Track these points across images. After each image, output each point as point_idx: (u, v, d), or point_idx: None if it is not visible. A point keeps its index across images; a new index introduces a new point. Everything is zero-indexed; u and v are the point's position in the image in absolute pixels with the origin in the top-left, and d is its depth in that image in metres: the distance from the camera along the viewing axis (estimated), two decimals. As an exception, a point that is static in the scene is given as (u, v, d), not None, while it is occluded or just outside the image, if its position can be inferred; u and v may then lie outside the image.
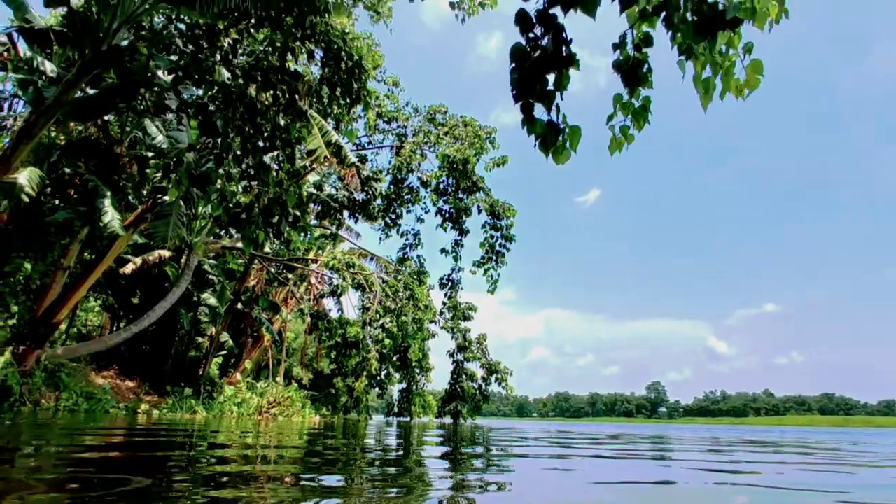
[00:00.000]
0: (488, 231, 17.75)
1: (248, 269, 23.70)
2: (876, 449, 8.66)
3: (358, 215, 20.44)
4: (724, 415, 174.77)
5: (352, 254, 23.26)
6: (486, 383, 24.39)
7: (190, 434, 6.60)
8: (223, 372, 23.85)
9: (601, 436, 11.61)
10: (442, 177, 18.31)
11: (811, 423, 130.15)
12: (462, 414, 26.21)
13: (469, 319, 24.10)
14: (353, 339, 16.65)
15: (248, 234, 7.00)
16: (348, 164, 14.39)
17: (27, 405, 12.54)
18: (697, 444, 9.01)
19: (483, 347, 24.96)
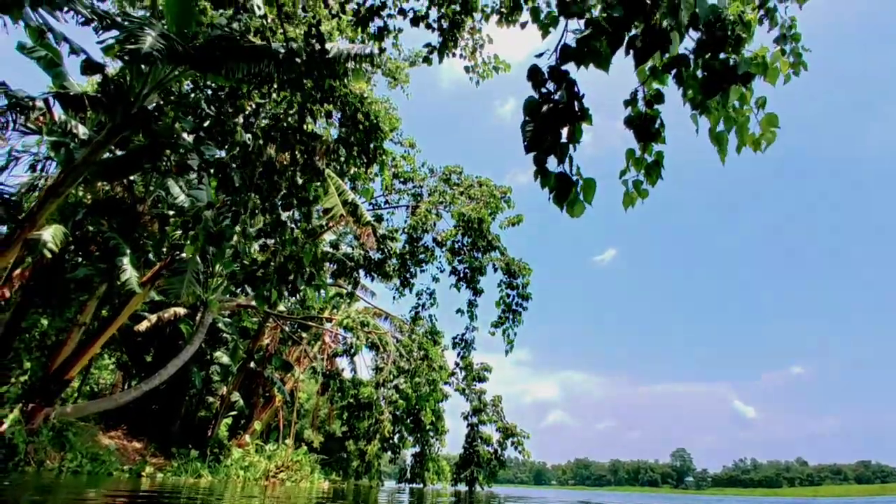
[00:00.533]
0: (504, 290, 17.56)
1: (263, 327, 23.63)
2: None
3: (373, 274, 20.48)
4: (756, 485, 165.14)
5: (366, 312, 23.14)
6: (501, 447, 23.40)
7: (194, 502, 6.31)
8: (232, 433, 23.31)
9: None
10: (457, 236, 18.37)
11: (847, 493, 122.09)
12: (478, 481, 25.06)
13: (484, 380, 23.49)
14: (367, 399, 16.23)
15: (262, 293, 6.96)
16: (364, 222, 14.55)
17: (31, 465, 12.27)
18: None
19: (498, 410, 24.17)
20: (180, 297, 11.04)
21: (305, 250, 7.13)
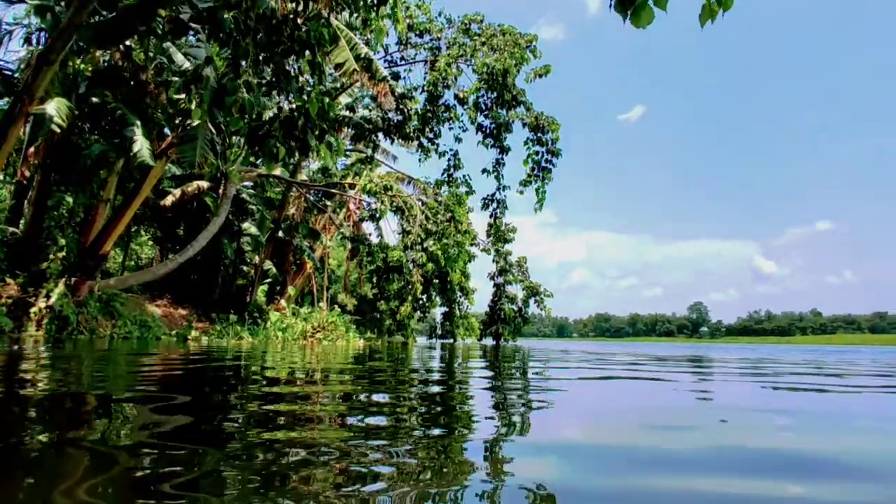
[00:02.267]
0: (532, 147, 16.76)
1: (287, 197, 23.58)
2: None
3: (393, 136, 19.67)
4: (769, 334, 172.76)
5: (389, 177, 22.72)
6: (525, 305, 24.19)
7: (240, 358, 6.48)
8: (270, 299, 24.42)
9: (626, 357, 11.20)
10: (480, 90, 17.15)
11: (861, 341, 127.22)
12: (503, 335, 26.34)
13: (509, 241, 23.58)
14: (395, 263, 16.40)
15: (269, 149, 6.46)
16: (380, 78, 13.48)
17: (84, 334, 12.98)
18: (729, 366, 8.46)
19: (524, 270, 24.57)
20: (194, 165, 10.65)
21: (311, 100, 6.45)
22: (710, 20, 3.20)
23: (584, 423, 2.63)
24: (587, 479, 1.51)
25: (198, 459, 1.57)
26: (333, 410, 2.64)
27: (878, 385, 5.07)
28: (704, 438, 2.18)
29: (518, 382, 4.48)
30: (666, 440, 2.19)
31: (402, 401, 3.08)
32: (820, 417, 2.89)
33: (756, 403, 3.53)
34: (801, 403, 3.50)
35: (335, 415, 2.50)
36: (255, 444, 1.80)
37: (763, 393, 4.13)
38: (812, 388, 4.56)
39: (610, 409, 3.12)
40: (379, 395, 3.32)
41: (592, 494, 1.36)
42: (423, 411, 2.69)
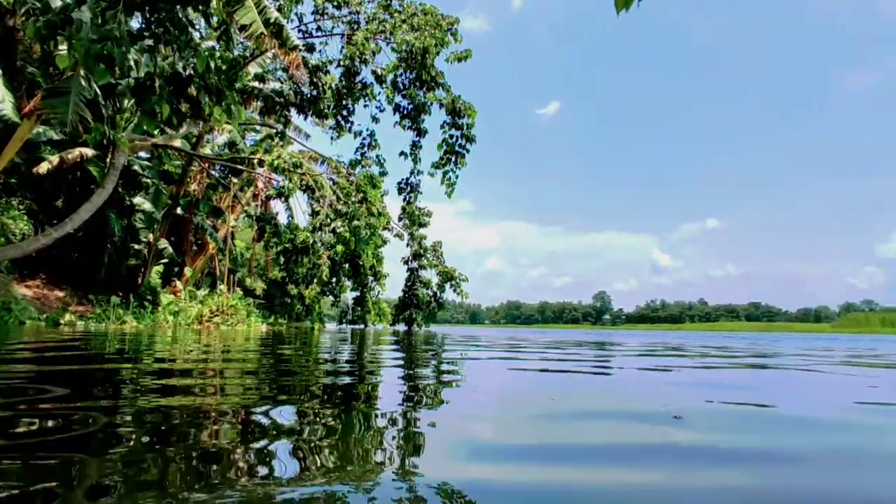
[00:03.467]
0: (448, 131, 16.52)
1: (187, 171, 21.76)
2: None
3: (307, 112, 18.64)
4: (663, 321, 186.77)
5: (302, 156, 21.60)
6: (440, 290, 24.09)
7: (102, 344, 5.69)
8: (166, 281, 22.56)
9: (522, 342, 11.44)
10: (399, 69, 16.62)
11: (739, 328, 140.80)
12: (416, 321, 26.16)
13: (425, 226, 23.29)
14: (303, 244, 15.60)
15: (149, 107, 5.66)
16: (290, 46, 12.58)
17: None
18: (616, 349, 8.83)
19: (439, 254, 24.42)
20: (66, 125, 9.32)
21: (199, 55, 5.73)
22: (625, 8, 3.03)
23: (497, 413, 2.43)
24: (500, 472, 1.41)
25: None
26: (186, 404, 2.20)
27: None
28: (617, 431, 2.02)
29: (431, 370, 4.21)
30: (586, 428, 2.04)
31: (296, 393, 2.68)
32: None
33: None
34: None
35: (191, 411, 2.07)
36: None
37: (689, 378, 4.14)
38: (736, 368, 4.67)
39: (524, 398, 2.91)
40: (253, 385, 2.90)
41: (505, 489, 1.28)
42: (322, 404, 2.33)
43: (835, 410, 2.58)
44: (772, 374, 4.57)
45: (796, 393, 3.36)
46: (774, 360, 6.47)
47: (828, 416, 2.41)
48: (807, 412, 2.53)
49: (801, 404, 2.87)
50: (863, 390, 3.52)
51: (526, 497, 1.21)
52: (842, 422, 2.25)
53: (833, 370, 5.02)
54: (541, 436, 1.91)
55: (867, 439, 1.95)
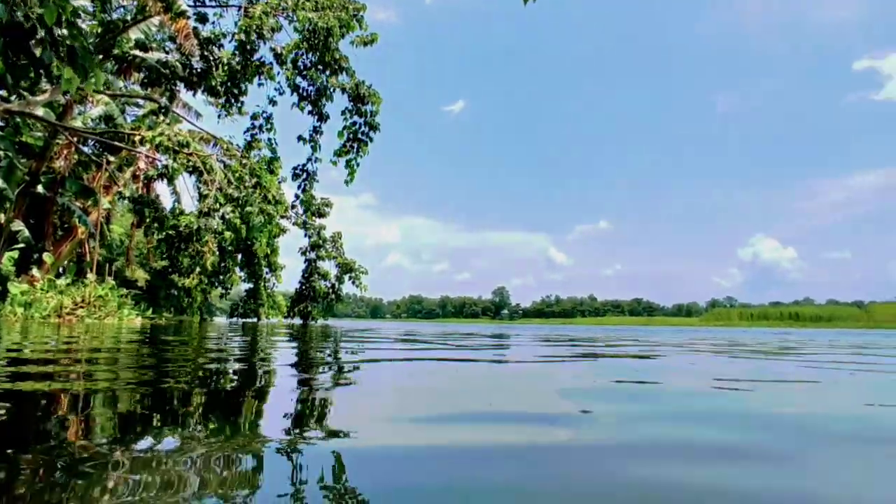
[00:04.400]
0: (350, 117, 15.98)
1: (51, 144, 19.23)
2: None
3: (196, 88, 17.17)
4: (556, 316, 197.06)
5: (190, 135, 19.87)
6: (339, 282, 23.31)
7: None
8: (22, 269, 19.83)
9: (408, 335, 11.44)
10: (300, 49, 15.79)
11: (623, 322, 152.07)
12: (313, 314, 25.19)
13: (324, 216, 22.44)
14: (187, 230, 14.30)
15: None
16: (177, 11, 11.45)
17: None
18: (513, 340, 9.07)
19: (338, 246, 23.64)
20: None
21: (48, 6, 4.90)
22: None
23: (394, 412, 2.22)
24: (397, 477, 1.30)
25: None
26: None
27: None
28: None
29: (326, 367, 3.88)
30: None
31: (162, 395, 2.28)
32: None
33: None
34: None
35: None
36: None
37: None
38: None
39: (425, 396, 2.70)
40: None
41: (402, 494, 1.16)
42: (198, 407, 1.98)
43: (701, 384, 3.27)
44: (654, 362, 4.79)
45: (675, 374, 3.91)
46: (656, 349, 6.84)
47: (698, 389, 3.06)
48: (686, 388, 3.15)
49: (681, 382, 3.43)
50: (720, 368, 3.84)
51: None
52: (706, 392, 2.94)
53: (697, 357, 5.41)
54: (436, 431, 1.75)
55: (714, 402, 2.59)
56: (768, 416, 2.22)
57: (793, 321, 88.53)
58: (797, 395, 2.99)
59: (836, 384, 3.43)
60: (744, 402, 2.59)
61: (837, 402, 2.75)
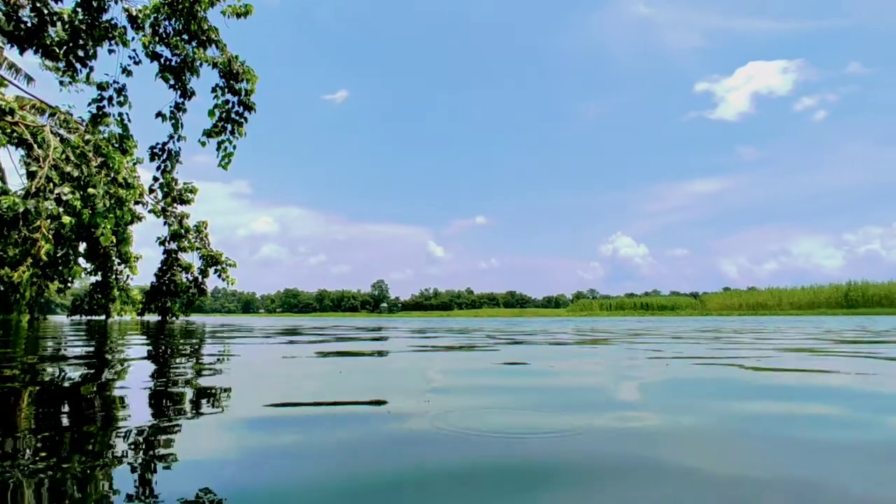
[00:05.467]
0: (222, 95, 14.53)
1: None
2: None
3: (25, 46, 14.54)
4: (435, 309, 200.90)
5: (17, 102, 16.81)
6: (203, 276, 21.20)
7: None
8: None
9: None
10: (161, 13, 13.99)
11: (497, 314, 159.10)
12: (173, 310, 22.78)
13: (188, 203, 20.24)
14: (11, 213, 11.99)
15: None
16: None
17: None
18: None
19: (202, 236, 21.49)
20: None
21: None
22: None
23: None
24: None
25: None
26: None
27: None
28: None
29: (186, 369, 3.28)
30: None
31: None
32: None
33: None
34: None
35: None
36: None
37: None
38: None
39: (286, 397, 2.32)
40: None
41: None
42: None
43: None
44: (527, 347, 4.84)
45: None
46: (529, 337, 6.96)
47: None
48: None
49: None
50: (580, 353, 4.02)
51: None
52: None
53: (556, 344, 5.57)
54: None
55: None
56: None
57: (644, 310, 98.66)
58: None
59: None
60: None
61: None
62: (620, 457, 1.53)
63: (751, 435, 1.85)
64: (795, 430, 1.93)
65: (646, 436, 1.79)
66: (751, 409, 2.34)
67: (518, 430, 1.83)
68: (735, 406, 2.41)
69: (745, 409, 2.33)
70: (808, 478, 1.38)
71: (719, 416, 2.15)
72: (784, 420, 2.14)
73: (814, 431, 1.90)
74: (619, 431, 1.84)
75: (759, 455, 1.59)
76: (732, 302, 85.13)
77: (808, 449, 1.67)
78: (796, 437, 1.81)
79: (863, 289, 68.46)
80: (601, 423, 1.98)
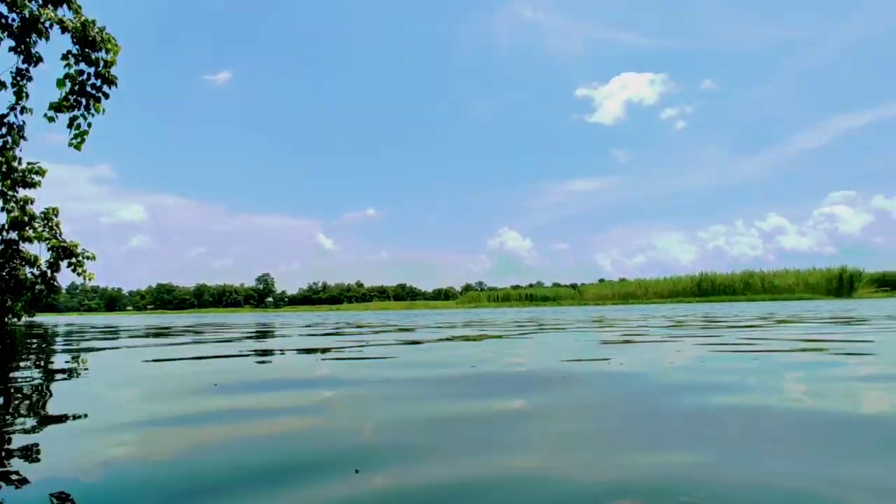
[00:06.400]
0: (74, 64, 12.66)
1: None
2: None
3: None
4: (324, 303, 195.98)
5: None
6: (54, 270, 18.45)
7: None
8: None
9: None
10: (-7, -38, 11.84)
11: (388, 307, 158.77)
12: (15, 309, 19.65)
13: (33, 186, 17.44)
14: None
15: None
16: None
17: None
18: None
19: (52, 225, 18.72)
20: None
21: None
22: None
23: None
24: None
25: None
26: None
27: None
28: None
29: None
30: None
31: None
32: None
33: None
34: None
35: None
36: None
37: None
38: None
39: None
40: None
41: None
42: None
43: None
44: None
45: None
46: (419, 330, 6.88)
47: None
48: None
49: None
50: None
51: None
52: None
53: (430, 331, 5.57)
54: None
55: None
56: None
57: (528, 301, 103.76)
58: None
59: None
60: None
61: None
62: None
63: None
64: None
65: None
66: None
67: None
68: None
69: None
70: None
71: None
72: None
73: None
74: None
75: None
76: (606, 292, 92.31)
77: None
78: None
79: (711, 279, 77.55)
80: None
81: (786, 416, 2.08)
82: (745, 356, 4.13)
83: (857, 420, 2.02)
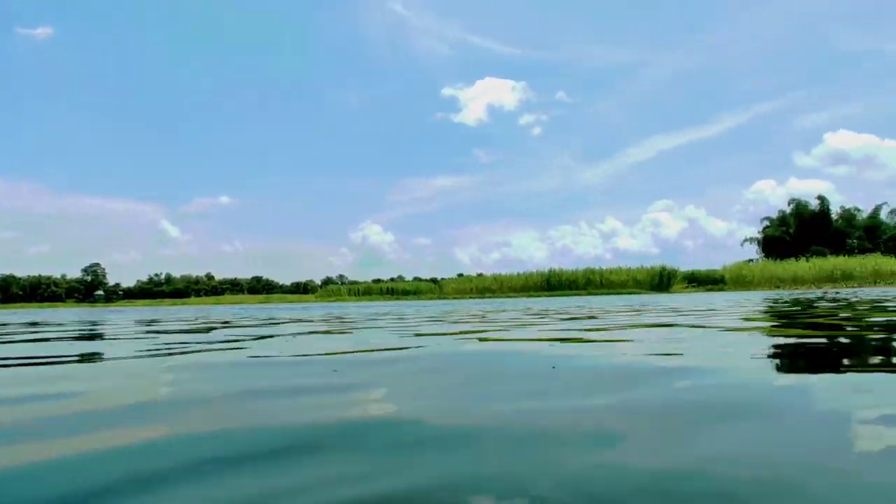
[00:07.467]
0: None
1: None
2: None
3: None
4: (168, 296, 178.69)
5: None
6: None
7: None
8: None
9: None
10: None
11: (242, 301, 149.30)
12: None
13: None
14: None
15: None
16: None
17: None
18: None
19: None
20: None
21: None
22: None
23: None
24: None
25: None
26: None
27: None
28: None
29: None
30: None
31: None
32: None
33: None
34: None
35: None
36: None
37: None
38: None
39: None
40: None
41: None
42: None
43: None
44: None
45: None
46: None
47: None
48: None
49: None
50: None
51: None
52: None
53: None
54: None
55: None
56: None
57: (390, 295, 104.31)
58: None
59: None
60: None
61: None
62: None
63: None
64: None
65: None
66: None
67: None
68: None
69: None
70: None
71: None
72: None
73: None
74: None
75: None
76: (465, 287, 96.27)
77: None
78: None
79: (559, 275, 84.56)
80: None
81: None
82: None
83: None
